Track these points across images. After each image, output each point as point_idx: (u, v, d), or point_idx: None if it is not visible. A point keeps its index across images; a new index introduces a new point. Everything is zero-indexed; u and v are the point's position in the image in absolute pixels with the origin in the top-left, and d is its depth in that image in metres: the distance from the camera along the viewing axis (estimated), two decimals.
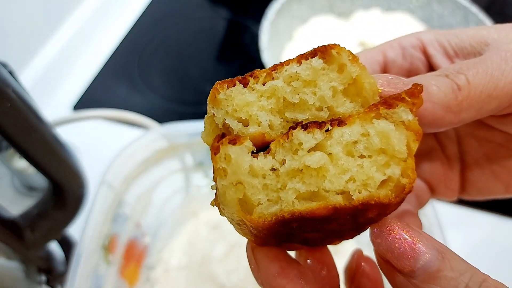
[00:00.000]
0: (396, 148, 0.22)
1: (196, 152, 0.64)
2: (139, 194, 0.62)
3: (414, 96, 0.22)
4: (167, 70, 0.98)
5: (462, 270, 0.20)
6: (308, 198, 0.22)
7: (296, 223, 0.22)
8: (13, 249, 0.47)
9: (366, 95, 0.24)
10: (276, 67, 0.24)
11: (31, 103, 0.40)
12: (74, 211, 0.50)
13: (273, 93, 0.24)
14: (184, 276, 0.63)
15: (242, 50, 1.01)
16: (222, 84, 0.24)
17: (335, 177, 0.22)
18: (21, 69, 0.86)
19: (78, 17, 0.98)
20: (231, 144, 0.21)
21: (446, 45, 0.29)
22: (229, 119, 0.23)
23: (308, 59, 0.24)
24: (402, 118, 0.22)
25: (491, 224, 0.73)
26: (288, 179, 0.22)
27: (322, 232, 0.25)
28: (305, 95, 0.24)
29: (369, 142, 0.22)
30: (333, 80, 0.24)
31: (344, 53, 0.24)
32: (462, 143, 0.34)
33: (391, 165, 0.22)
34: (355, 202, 0.21)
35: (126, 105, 0.85)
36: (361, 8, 0.97)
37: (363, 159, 0.22)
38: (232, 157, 0.21)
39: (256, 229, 0.22)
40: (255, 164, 0.22)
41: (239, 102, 0.24)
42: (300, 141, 0.22)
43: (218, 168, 0.21)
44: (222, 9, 1.12)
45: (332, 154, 0.22)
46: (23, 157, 0.43)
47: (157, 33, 1.05)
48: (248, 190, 0.22)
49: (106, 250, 0.55)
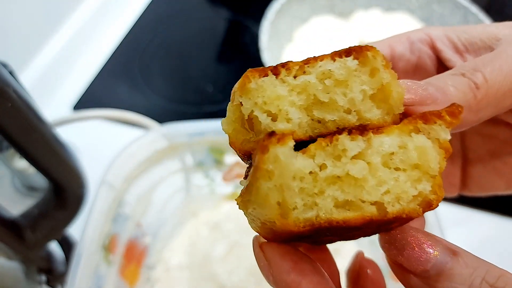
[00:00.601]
0: (431, 166, 0.22)
1: (197, 152, 0.64)
2: (140, 194, 0.62)
3: (454, 116, 0.22)
4: (168, 70, 0.98)
5: (476, 265, 0.20)
6: (341, 206, 0.21)
7: (326, 229, 0.22)
8: (13, 249, 0.47)
9: (392, 103, 0.23)
10: (309, 60, 0.23)
11: (32, 103, 0.40)
12: (74, 211, 0.50)
13: (304, 89, 0.23)
14: (184, 276, 0.63)
15: (242, 50, 1.01)
16: (254, 72, 0.23)
17: (372, 188, 0.21)
18: (21, 69, 0.86)
19: (78, 17, 0.98)
20: (279, 144, 0.20)
21: (455, 40, 0.29)
22: (258, 112, 0.22)
23: (343, 57, 0.23)
24: (439, 136, 0.22)
25: (491, 224, 0.73)
26: (326, 186, 0.21)
27: (343, 237, 0.25)
28: (336, 95, 0.23)
29: (406, 156, 0.22)
30: (364, 83, 0.23)
31: (379, 57, 0.23)
32: (465, 140, 0.34)
33: (423, 181, 0.22)
34: (389, 215, 0.21)
35: (127, 105, 0.85)
36: (361, 8, 0.97)
37: (399, 172, 0.22)
38: (281, 159, 0.20)
39: (280, 232, 0.22)
40: (296, 165, 0.21)
41: (270, 94, 0.22)
42: (345, 147, 0.21)
43: (265, 169, 0.20)
44: (222, 9, 1.12)
45: (371, 164, 0.21)
46: (23, 157, 0.43)
47: (157, 33, 1.05)
48: (286, 193, 0.21)
49: (106, 250, 0.55)
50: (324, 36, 0.91)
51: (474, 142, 0.34)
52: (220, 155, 0.64)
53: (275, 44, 0.86)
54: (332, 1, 0.96)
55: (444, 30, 0.30)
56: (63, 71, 0.94)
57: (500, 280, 0.20)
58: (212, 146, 0.63)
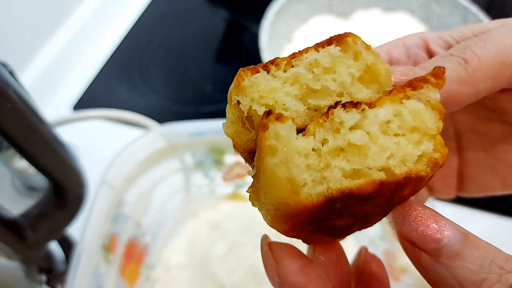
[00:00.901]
0: (429, 126, 0.22)
1: (196, 152, 0.64)
2: (139, 193, 0.62)
3: (438, 77, 0.23)
4: (167, 70, 0.98)
5: (486, 248, 0.21)
6: (350, 176, 0.22)
7: (340, 204, 0.22)
8: (13, 249, 0.47)
9: (382, 80, 0.24)
10: (295, 55, 0.25)
11: (32, 103, 0.40)
12: (74, 211, 0.50)
13: (296, 80, 0.24)
14: (184, 276, 0.63)
15: (242, 50, 1.02)
16: (246, 71, 0.24)
17: (376, 154, 0.22)
18: (21, 69, 0.86)
19: (78, 17, 0.98)
20: (279, 121, 0.21)
21: (448, 39, 0.29)
22: (256, 106, 0.23)
23: (325, 47, 0.25)
24: (430, 98, 0.23)
25: (491, 224, 0.74)
26: (331, 158, 0.22)
27: (356, 216, 0.25)
28: (326, 81, 0.24)
29: (402, 121, 0.23)
30: (351, 67, 0.24)
31: (359, 40, 0.24)
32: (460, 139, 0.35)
33: (424, 141, 0.22)
34: (398, 176, 0.22)
35: (126, 105, 0.85)
36: (361, 8, 0.97)
37: (399, 137, 0.22)
38: (282, 134, 0.21)
39: (295, 215, 0.22)
40: (299, 144, 0.22)
41: (264, 88, 0.24)
42: (342, 119, 0.22)
43: (267, 145, 0.21)
44: (222, 10, 1.12)
45: (370, 133, 0.22)
46: (23, 157, 0.43)
47: (157, 33, 1.05)
48: (293, 170, 0.21)
49: (106, 250, 0.55)
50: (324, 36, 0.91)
51: (469, 140, 0.34)
52: (220, 155, 0.65)
53: (275, 44, 0.87)
54: (332, 1, 0.96)
55: (437, 33, 0.30)
56: (63, 71, 0.94)
57: (508, 263, 0.20)
58: (212, 146, 0.63)
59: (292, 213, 0.22)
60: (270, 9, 0.87)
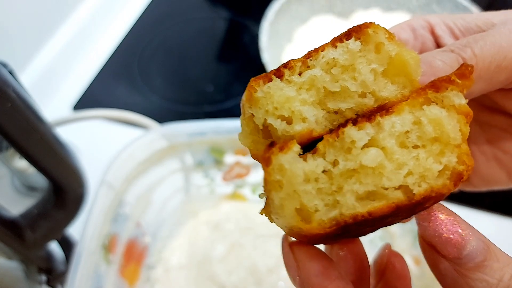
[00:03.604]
0: (451, 136, 0.20)
1: (196, 152, 0.64)
2: (139, 193, 0.62)
3: (464, 78, 0.21)
4: (167, 70, 0.98)
5: (507, 262, 0.21)
6: (366, 197, 0.20)
7: (354, 225, 0.21)
8: (13, 249, 0.47)
9: (409, 71, 0.22)
10: (311, 54, 0.23)
11: (32, 103, 0.40)
12: (74, 211, 0.50)
13: (312, 84, 0.22)
14: (184, 276, 0.63)
15: (242, 50, 1.01)
16: (258, 80, 0.22)
17: (392, 173, 0.20)
18: (21, 69, 0.86)
19: (78, 17, 0.98)
20: (282, 153, 0.20)
21: (452, 26, 0.29)
22: (271, 119, 0.22)
23: (343, 41, 0.23)
24: (453, 103, 0.21)
25: (490, 224, 0.74)
26: (343, 181, 0.20)
27: (376, 226, 0.24)
28: (346, 81, 0.22)
29: (422, 131, 0.21)
30: (372, 61, 0.22)
31: (381, 31, 0.22)
32: None
33: (446, 153, 0.20)
34: (416, 197, 0.20)
35: (126, 105, 0.85)
36: (361, 8, 0.97)
37: (418, 150, 0.21)
38: (286, 168, 0.20)
39: (309, 236, 0.21)
40: (306, 168, 0.20)
41: (279, 98, 0.22)
42: (353, 139, 0.21)
43: (272, 180, 0.20)
44: (222, 9, 1.12)
45: (385, 148, 0.21)
46: (23, 157, 0.42)
47: (157, 33, 1.05)
48: (303, 197, 0.20)
49: (106, 250, 0.55)
50: (324, 36, 0.91)
51: (473, 132, 0.34)
52: (220, 155, 0.65)
53: (275, 44, 0.86)
54: (332, 1, 0.96)
55: (441, 17, 0.30)
56: (63, 71, 0.94)
57: None
58: (212, 146, 0.63)
59: (306, 234, 0.21)
60: (270, 9, 0.87)
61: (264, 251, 0.64)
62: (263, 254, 0.64)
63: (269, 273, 0.62)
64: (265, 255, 0.64)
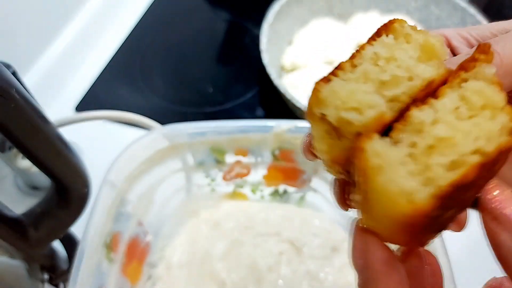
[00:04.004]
0: (495, 99, 0.22)
1: (197, 152, 0.65)
2: (141, 193, 0.62)
3: (485, 52, 0.23)
4: (169, 71, 0.98)
5: None
6: (451, 168, 0.22)
7: (449, 198, 0.22)
8: (16, 248, 0.48)
9: (439, 53, 0.25)
10: (354, 55, 0.25)
11: (35, 103, 0.40)
12: (78, 210, 0.50)
13: (366, 77, 0.24)
14: (185, 274, 0.64)
15: (242, 51, 1.02)
16: (320, 83, 0.24)
17: (464, 140, 0.22)
18: (24, 70, 0.87)
19: (80, 19, 0.99)
20: (370, 139, 0.21)
21: (467, 36, 0.30)
22: (344, 112, 0.23)
23: (376, 39, 0.25)
24: (485, 74, 0.23)
25: None
26: (428, 158, 0.22)
27: (459, 206, 0.25)
28: (393, 70, 0.24)
29: (470, 103, 0.22)
30: (407, 50, 0.25)
31: (405, 24, 0.25)
32: None
33: (497, 115, 0.22)
34: (492, 153, 0.21)
35: (128, 106, 0.86)
36: (360, 10, 0.97)
37: (474, 119, 0.22)
38: (380, 151, 0.21)
39: (413, 224, 0.22)
40: (393, 154, 0.22)
41: (344, 93, 0.23)
42: (421, 119, 0.22)
43: (371, 167, 0.21)
44: (223, 11, 1.13)
45: (448, 122, 0.22)
46: (27, 157, 0.43)
47: (158, 35, 1.06)
48: (401, 180, 0.21)
49: (108, 248, 0.55)
50: (323, 38, 0.92)
51: None
52: (221, 155, 0.65)
53: (275, 46, 0.87)
54: (331, 2, 0.96)
55: (456, 30, 0.31)
56: (66, 72, 0.94)
57: None
58: (213, 146, 0.63)
59: (411, 222, 0.21)
60: (270, 11, 0.88)
61: (264, 249, 0.65)
62: (263, 253, 0.64)
63: (269, 272, 0.63)
64: (265, 254, 0.64)
